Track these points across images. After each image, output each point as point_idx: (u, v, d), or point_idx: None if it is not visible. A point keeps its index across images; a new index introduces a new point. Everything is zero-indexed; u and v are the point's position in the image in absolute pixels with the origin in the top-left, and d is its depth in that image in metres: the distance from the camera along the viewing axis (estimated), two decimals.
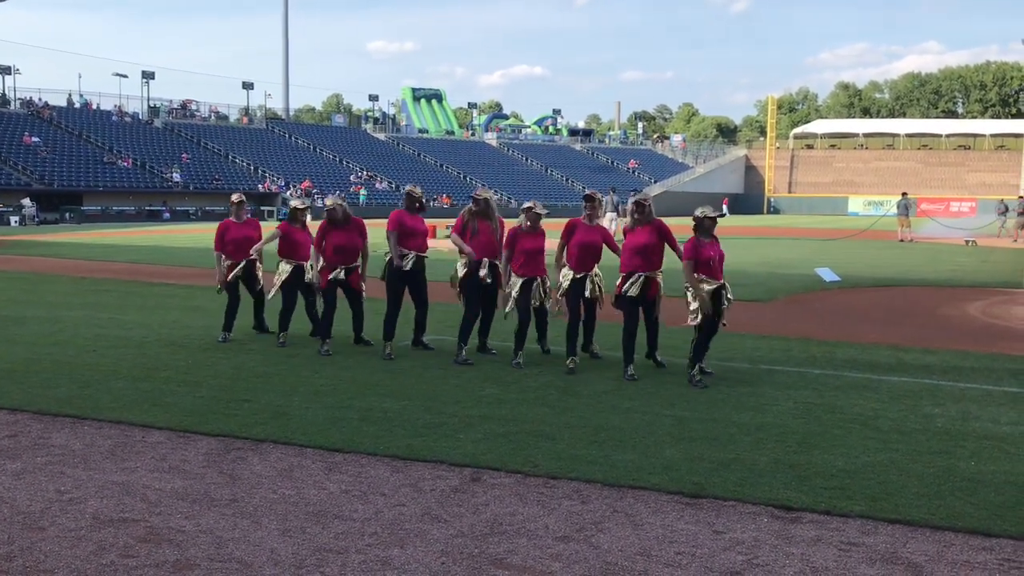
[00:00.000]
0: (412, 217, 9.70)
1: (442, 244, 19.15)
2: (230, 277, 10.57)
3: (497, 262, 9.30)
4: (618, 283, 8.57)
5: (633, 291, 8.43)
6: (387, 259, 9.66)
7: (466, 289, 9.39)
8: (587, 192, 9.52)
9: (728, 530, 4.74)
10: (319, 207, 51.75)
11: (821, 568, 4.26)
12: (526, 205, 9.11)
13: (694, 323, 8.25)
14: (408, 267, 9.46)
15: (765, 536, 4.66)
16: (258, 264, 10.83)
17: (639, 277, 8.46)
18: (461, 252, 9.42)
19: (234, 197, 10.91)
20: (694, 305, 8.21)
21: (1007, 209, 36.41)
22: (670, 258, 8.73)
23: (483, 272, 9.22)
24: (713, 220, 8.29)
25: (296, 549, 4.43)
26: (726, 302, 8.37)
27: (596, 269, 9.03)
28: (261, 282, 10.86)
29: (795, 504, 5.09)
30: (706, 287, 8.18)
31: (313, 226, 9.99)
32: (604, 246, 9.04)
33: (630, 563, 4.31)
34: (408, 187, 9.95)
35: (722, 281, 8.32)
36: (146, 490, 5.30)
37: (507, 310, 9.22)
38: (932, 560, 4.37)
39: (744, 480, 5.50)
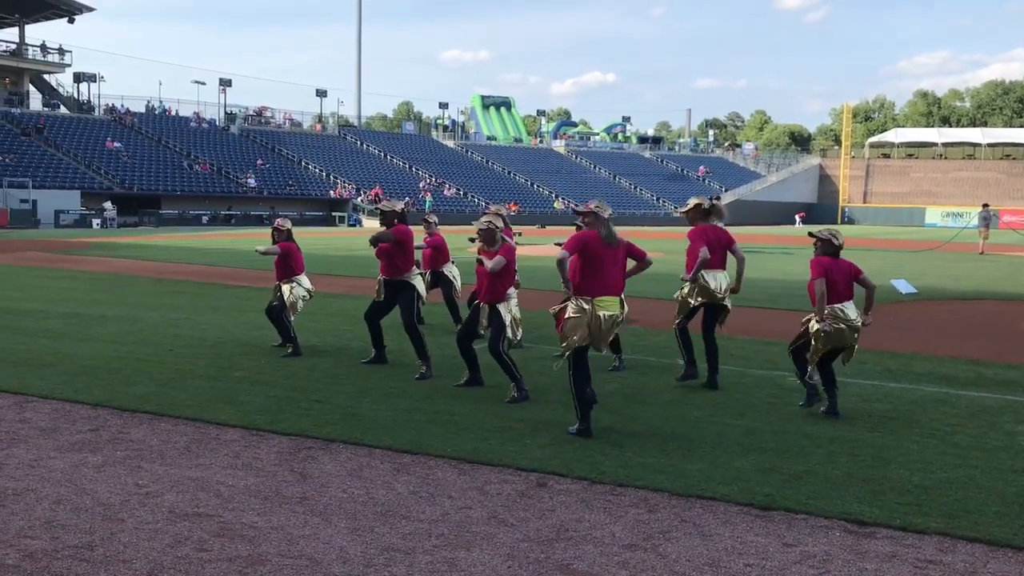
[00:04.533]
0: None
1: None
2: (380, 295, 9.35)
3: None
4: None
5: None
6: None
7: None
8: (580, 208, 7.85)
9: (799, 543, 4.65)
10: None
11: None
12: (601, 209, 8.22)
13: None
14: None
15: (837, 551, 4.55)
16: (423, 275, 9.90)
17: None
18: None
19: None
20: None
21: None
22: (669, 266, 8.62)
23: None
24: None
25: (364, 548, 4.48)
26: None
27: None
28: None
29: (869, 519, 4.97)
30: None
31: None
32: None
33: (698, 573, 4.25)
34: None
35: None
36: (220, 486, 5.42)
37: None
38: None
39: (816, 493, 5.39)
